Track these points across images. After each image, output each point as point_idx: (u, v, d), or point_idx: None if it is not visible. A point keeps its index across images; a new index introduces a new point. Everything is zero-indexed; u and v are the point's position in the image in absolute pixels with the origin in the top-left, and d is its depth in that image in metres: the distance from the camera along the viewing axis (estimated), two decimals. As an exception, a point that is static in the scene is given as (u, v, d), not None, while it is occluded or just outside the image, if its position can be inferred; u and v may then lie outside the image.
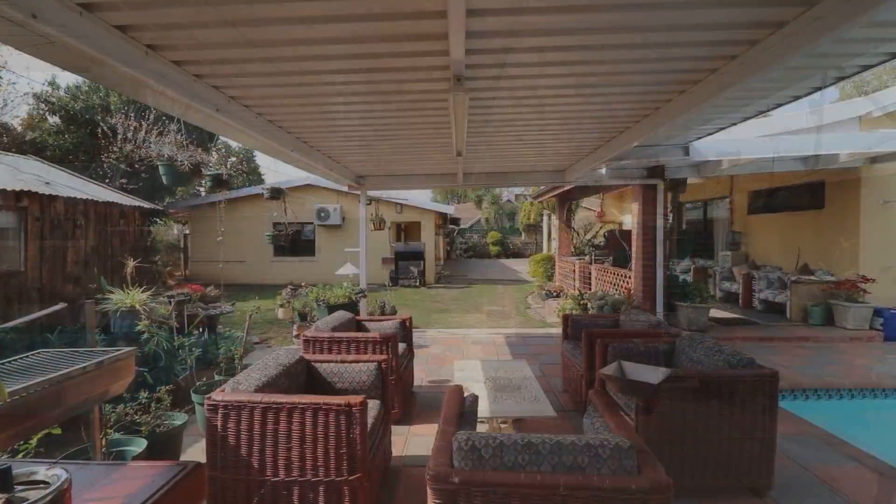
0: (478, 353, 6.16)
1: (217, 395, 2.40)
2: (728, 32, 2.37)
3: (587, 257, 10.64)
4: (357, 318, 4.76)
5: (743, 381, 2.75)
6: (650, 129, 3.87)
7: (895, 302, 7.24)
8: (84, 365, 2.14)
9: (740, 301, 9.01)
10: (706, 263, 10.72)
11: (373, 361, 3.14)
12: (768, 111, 4.04)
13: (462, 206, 44.96)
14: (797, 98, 3.59)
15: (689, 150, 5.82)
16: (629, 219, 12.97)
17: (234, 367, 4.21)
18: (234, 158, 25.17)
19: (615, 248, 10.80)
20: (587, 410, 2.53)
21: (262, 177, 25.86)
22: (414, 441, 3.59)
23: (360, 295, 6.36)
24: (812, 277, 7.61)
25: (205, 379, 3.88)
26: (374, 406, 2.94)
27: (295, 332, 6.68)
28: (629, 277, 7.53)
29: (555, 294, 10.96)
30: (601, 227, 15.24)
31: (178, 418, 3.26)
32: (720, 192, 11.04)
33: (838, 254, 7.69)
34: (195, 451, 3.42)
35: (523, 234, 29.24)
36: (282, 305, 7.04)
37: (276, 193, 6.17)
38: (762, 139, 6.12)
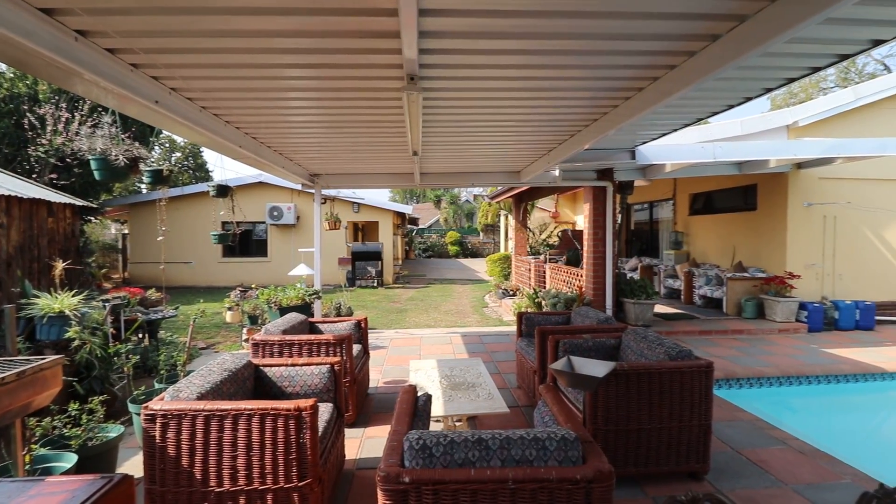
0: (435, 352, 6.17)
1: (155, 404, 2.27)
2: (667, 43, 2.50)
3: (542, 256, 10.92)
4: (311, 320, 4.65)
5: (681, 371, 2.91)
6: (599, 133, 4.02)
7: (818, 296, 7.93)
8: (2, 376, 1.96)
9: (682, 297, 9.56)
10: (652, 262, 11.29)
11: (326, 364, 3.07)
12: (705, 118, 4.30)
13: (421, 205, 44.93)
14: (731, 107, 3.84)
15: (635, 154, 6.09)
16: (582, 219, 13.44)
17: (176, 374, 3.99)
18: (179, 154, 23.88)
19: (568, 247, 11.17)
20: (538, 405, 2.60)
21: (210, 173, 24.66)
22: (369, 443, 3.54)
23: (314, 296, 6.20)
24: (746, 274, 8.19)
25: (143, 388, 3.65)
26: (326, 409, 2.88)
27: (244, 336, 6.42)
28: (581, 276, 7.80)
29: (511, 293, 11.17)
30: (555, 228, 15.70)
31: (113, 430, 3.05)
32: (664, 195, 11.66)
33: (768, 252, 8.32)
34: (133, 465, 3.22)
35: (482, 233, 29.62)
36: (230, 308, 6.74)
37: (224, 191, 5.90)
38: (701, 144, 6.51)
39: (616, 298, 7.33)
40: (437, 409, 3.03)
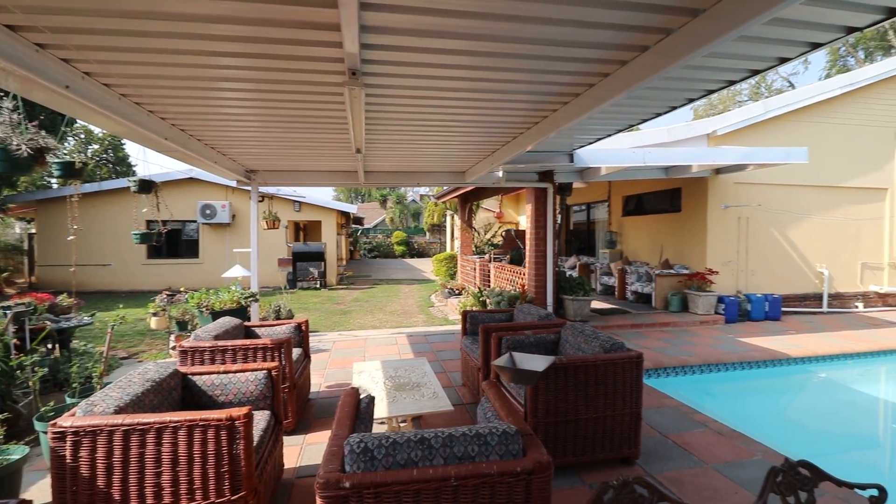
0: (380, 353, 6.09)
1: (65, 421, 2.05)
2: (602, 52, 2.63)
3: (487, 256, 11.11)
4: (247, 324, 4.41)
5: (614, 363, 3.07)
6: (540, 136, 4.15)
7: (733, 290, 8.70)
8: None
9: (616, 293, 10.12)
10: (589, 260, 11.86)
11: (262, 370, 2.92)
12: (636, 125, 4.57)
13: (366, 205, 44.23)
14: (658, 115, 4.11)
15: (573, 157, 6.36)
16: (524, 220, 13.80)
17: (91, 387, 3.64)
18: (96, 146, 21.80)
19: (512, 246, 11.45)
20: (481, 401, 2.63)
21: (134, 168, 22.72)
22: (310, 451, 3.42)
23: (250, 299, 5.90)
24: (672, 271, 8.82)
25: (53, 403, 3.29)
26: (262, 417, 2.74)
27: (172, 344, 5.98)
28: (524, 274, 8.02)
29: (457, 292, 11.28)
30: (500, 228, 16.05)
31: (16, 452, 2.72)
32: (600, 197, 12.28)
33: (691, 250, 9.02)
34: (40, 490, 2.88)
35: (428, 233, 29.67)
36: (155, 314, 6.25)
37: (147, 186, 5.44)
38: (633, 150, 6.92)
39: (556, 295, 7.62)
40: (380, 410, 2.98)
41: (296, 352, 4.16)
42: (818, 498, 1.42)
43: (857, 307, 9.33)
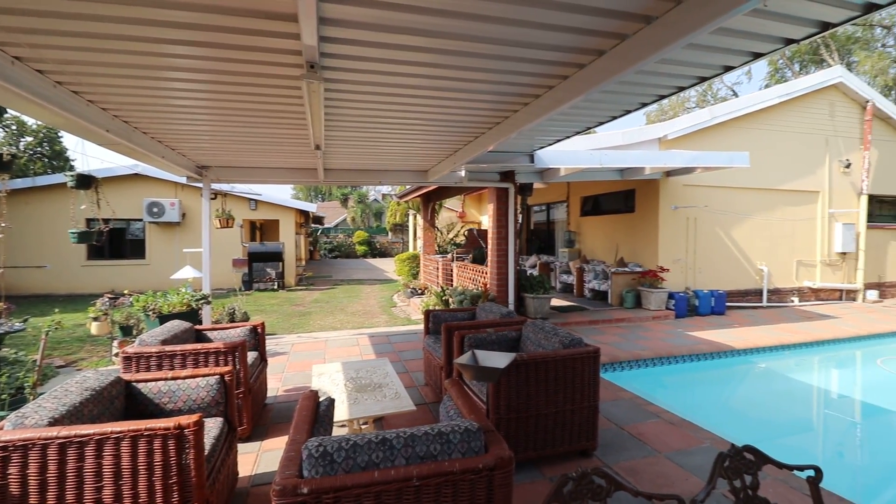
0: (341, 355, 5.97)
1: (-13, 436, 1.87)
2: (561, 55, 2.68)
3: (450, 255, 11.14)
4: (197, 327, 4.20)
5: (573, 358, 3.15)
6: (502, 136, 4.19)
7: (682, 287, 9.14)
8: None
9: (575, 291, 10.41)
10: (549, 259, 12.14)
11: (214, 375, 2.79)
12: (593, 127, 4.71)
13: (326, 204, 43.35)
14: (614, 118, 4.25)
15: (534, 158, 6.49)
16: (487, 219, 13.92)
17: (23, 398, 3.35)
18: (30, 138, 20.16)
19: (474, 246, 11.54)
20: (443, 400, 2.62)
21: (72, 163, 21.17)
22: (266, 458, 3.30)
23: (202, 301, 5.62)
24: (626, 269, 9.16)
25: (-25, 417, 3.00)
26: (215, 424, 2.61)
27: (115, 350, 5.61)
28: (486, 273, 8.10)
29: (420, 292, 11.24)
30: (462, 227, 16.13)
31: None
32: (559, 197, 12.60)
33: (644, 249, 9.41)
34: (-42, 514, 2.62)
35: (390, 233, 29.41)
36: (96, 318, 5.83)
37: (86, 182, 5.07)
38: (590, 152, 7.14)
39: (518, 294, 7.74)
40: (341, 413, 2.91)
41: (251, 355, 4.00)
42: (761, 480, 1.51)
43: (793, 301, 10.05)
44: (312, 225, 26.00)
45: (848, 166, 10.30)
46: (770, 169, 9.65)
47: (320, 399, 2.43)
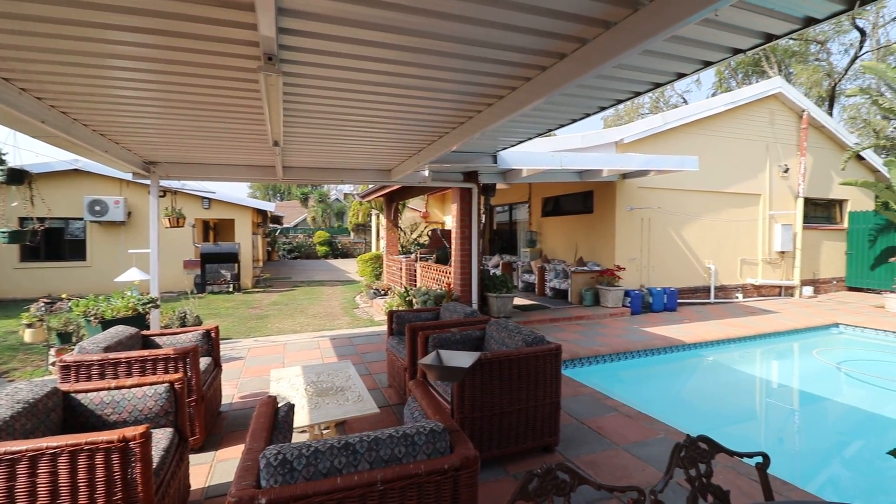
0: (301, 359, 5.80)
1: None
2: (524, 56, 2.71)
3: (413, 255, 11.08)
4: (145, 333, 3.95)
5: (536, 356, 3.20)
6: (465, 136, 4.19)
7: (637, 285, 9.51)
8: None
9: (536, 290, 10.61)
10: (511, 259, 12.31)
11: (163, 383, 2.63)
12: (554, 129, 4.80)
13: (286, 203, 42.17)
14: (574, 121, 4.35)
15: (497, 159, 6.55)
16: (450, 219, 13.94)
17: (-59, 414, 3.02)
18: (-50, 129, 18.39)
19: (438, 246, 11.54)
20: (408, 401, 2.59)
21: (3, 156, 19.49)
22: (221, 468, 3.14)
23: (150, 305, 5.31)
24: (585, 268, 9.44)
25: None
26: (164, 435, 2.46)
27: (52, 359, 5.19)
28: (450, 273, 8.11)
29: (383, 292, 11.11)
30: (426, 227, 16.11)
31: None
32: (522, 198, 12.82)
33: (602, 248, 9.72)
34: None
35: (352, 233, 28.91)
36: (30, 325, 5.38)
37: (18, 177, 4.65)
38: (551, 154, 7.30)
39: (481, 293, 7.79)
40: (301, 418, 2.82)
41: (204, 361, 3.81)
42: (714, 468, 1.57)
43: (737, 297, 10.68)
44: (271, 225, 25.20)
45: (786, 171, 11.06)
46: (717, 173, 10.21)
47: (279, 405, 2.34)
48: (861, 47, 20.67)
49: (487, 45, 2.53)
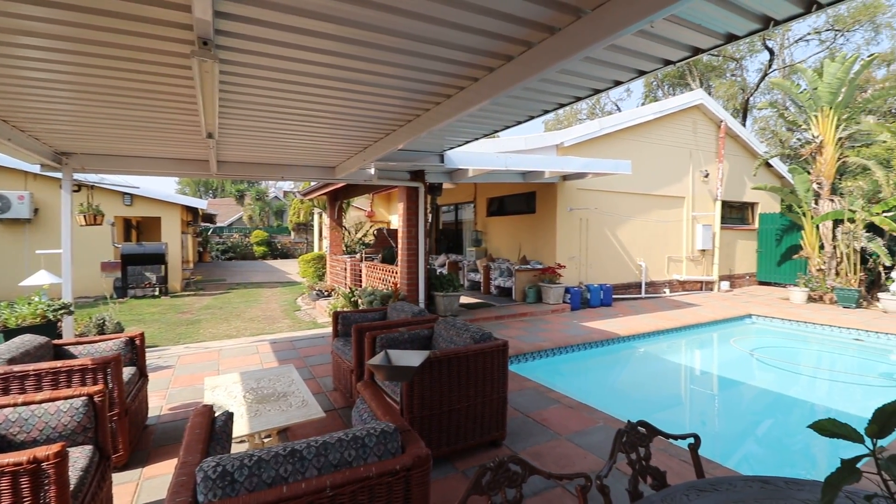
0: (238, 365, 5.49)
1: None
2: (472, 56, 2.73)
3: (358, 255, 10.87)
4: (57, 342, 3.56)
5: (484, 352, 3.24)
6: (412, 134, 4.17)
7: (577, 282, 9.95)
8: None
9: (482, 288, 10.80)
10: (457, 258, 12.44)
11: (80, 396, 2.37)
12: (500, 130, 4.90)
13: (219, 200, 39.86)
14: (519, 122, 4.47)
15: (443, 158, 6.58)
16: (396, 219, 13.84)
17: None
18: None
19: (384, 245, 11.40)
20: (356, 404, 2.53)
21: None
22: (149, 486, 2.90)
23: (62, 312, 4.78)
24: (528, 266, 9.73)
25: None
26: (82, 454, 2.23)
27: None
28: (396, 273, 8.04)
29: (326, 293, 10.80)
30: (371, 227, 15.87)
31: None
32: (467, 198, 12.98)
33: (543, 247, 10.08)
34: None
35: (293, 233, 27.81)
36: (-89, 336, 4.66)
37: None
38: (496, 155, 7.45)
39: (428, 292, 7.80)
40: (240, 427, 2.66)
41: (128, 371, 3.50)
42: (652, 451, 1.67)
43: (665, 292, 11.49)
44: (202, 224, 23.67)
45: (706, 176, 12.06)
46: (647, 177, 10.93)
47: (216, 414, 2.19)
48: (770, 65, 23.07)
49: (436, 42, 2.53)
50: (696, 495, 1.34)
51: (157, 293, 11.85)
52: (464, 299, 9.42)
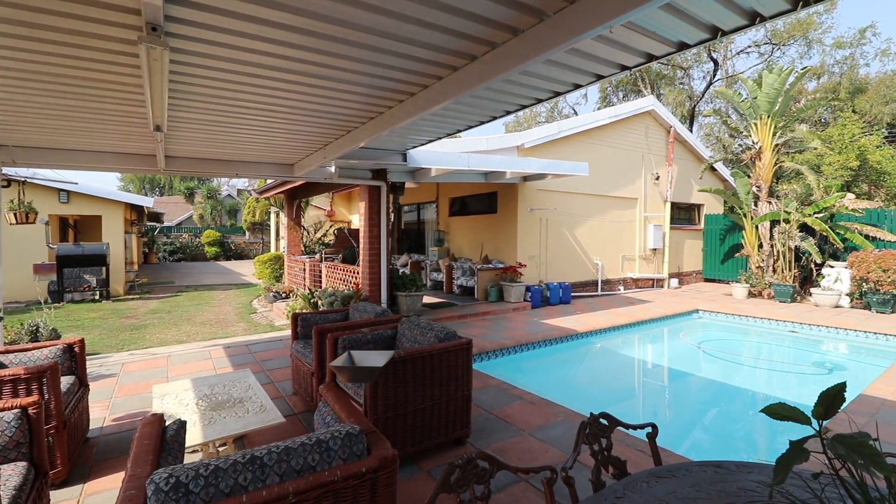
0: (189, 371, 5.22)
1: None
2: (437, 55, 2.72)
3: (318, 255, 10.62)
4: (-18, 349, 3.25)
5: (448, 351, 3.25)
6: (375, 132, 4.11)
7: (537, 280, 10.17)
8: None
9: (444, 287, 10.82)
10: (420, 258, 12.40)
11: (12, 409, 2.18)
12: (463, 130, 4.92)
13: (167, 198, 37.87)
14: (482, 123, 4.50)
15: (406, 157, 6.54)
16: (357, 218, 13.63)
17: None
18: None
19: (345, 245, 11.19)
20: (318, 407, 2.46)
21: None
22: (92, 502, 2.70)
23: (-10, 316, 4.37)
24: (490, 266, 9.85)
25: None
26: (15, 471, 2.04)
27: None
28: (357, 273, 7.91)
29: (284, 295, 10.47)
30: (331, 226, 15.54)
31: None
32: (430, 198, 12.97)
33: (505, 246, 10.23)
34: None
35: (248, 233, 26.77)
36: None
37: None
38: (459, 154, 7.48)
39: (390, 292, 7.72)
40: (193, 436, 2.53)
41: (66, 381, 3.24)
42: (613, 442, 1.72)
43: (620, 290, 11.95)
44: (148, 223, 22.37)
45: (657, 178, 12.65)
46: (603, 178, 11.32)
47: (167, 423, 2.07)
48: (714, 75, 24.52)
49: (401, 39, 2.50)
50: (655, 482, 1.40)
51: (97, 297, 11.07)
52: (426, 299, 9.41)
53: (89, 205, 12.01)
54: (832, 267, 9.82)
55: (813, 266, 10.68)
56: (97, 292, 11.10)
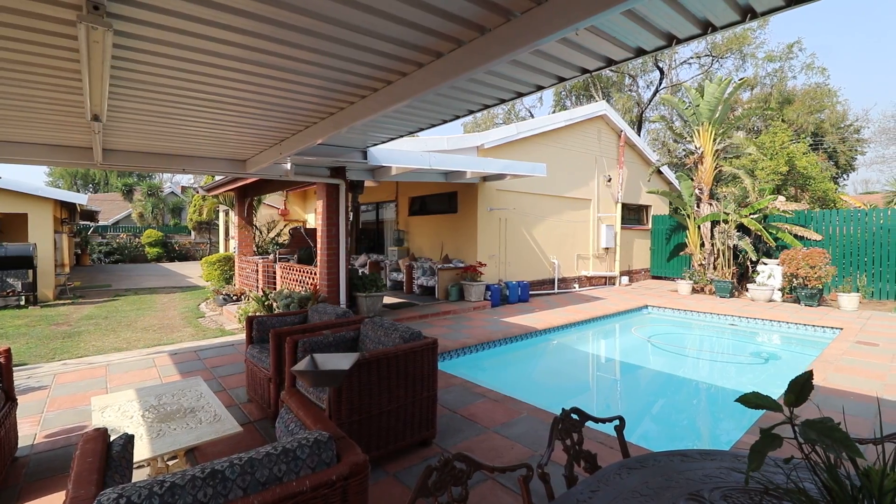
0: (131, 381, 4.86)
1: None
2: (402, 50, 2.67)
3: (272, 256, 10.22)
4: None
5: (414, 351, 3.21)
6: (333, 129, 3.99)
7: (496, 279, 10.29)
8: None
9: (405, 287, 10.73)
10: (379, 258, 12.24)
11: (-79, 428, 1.92)
12: (426, 128, 4.87)
13: (102, 195, 35.30)
14: (445, 121, 4.48)
15: (367, 155, 6.41)
16: (313, 217, 13.27)
17: None
18: None
19: (300, 245, 10.85)
20: (279, 414, 2.35)
21: None
22: (21, 528, 2.44)
23: None
24: (451, 265, 9.87)
25: None
26: (-75, 501, 1.80)
27: None
28: (315, 274, 7.68)
29: (235, 298, 9.99)
30: (286, 225, 15.01)
31: None
32: (389, 197, 12.83)
33: (465, 246, 10.29)
34: None
35: (194, 232, 25.36)
36: None
37: None
38: (421, 153, 7.43)
39: (349, 293, 7.56)
40: (142, 451, 2.34)
41: (-11, 394, 2.92)
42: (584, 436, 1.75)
43: (575, 288, 12.34)
44: (81, 222, 20.71)
45: (609, 180, 13.17)
46: (559, 180, 11.65)
47: (112, 439, 1.90)
48: (661, 83, 25.86)
49: (364, 31, 2.43)
50: (627, 473, 1.43)
51: (22, 302, 10.10)
52: (387, 299, 9.29)
53: (13, 202, 10.94)
54: (766, 264, 10.60)
55: (749, 263, 11.48)
56: (23, 297, 10.12)
